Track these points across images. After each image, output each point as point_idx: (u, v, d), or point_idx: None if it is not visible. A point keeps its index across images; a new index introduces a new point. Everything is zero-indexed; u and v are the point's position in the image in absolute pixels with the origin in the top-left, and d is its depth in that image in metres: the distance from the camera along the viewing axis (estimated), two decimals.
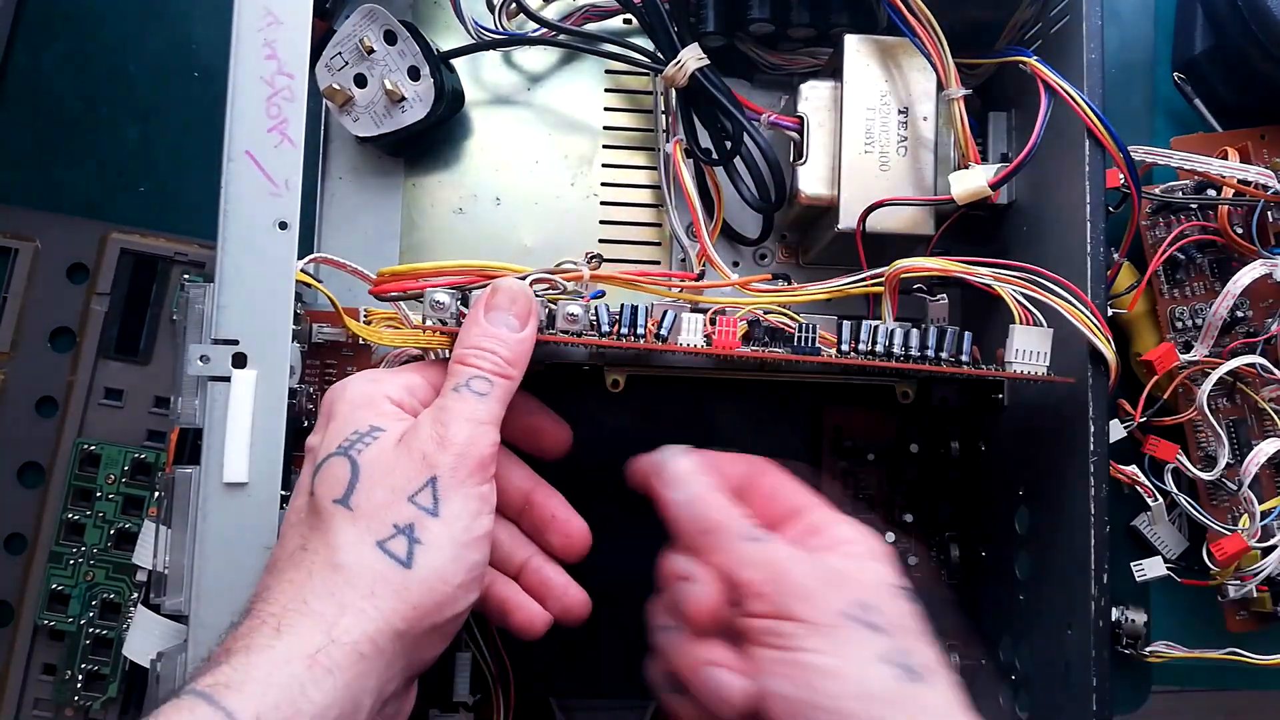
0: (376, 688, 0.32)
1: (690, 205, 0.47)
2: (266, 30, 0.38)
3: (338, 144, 0.52)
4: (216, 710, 0.29)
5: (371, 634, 0.32)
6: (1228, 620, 0.54)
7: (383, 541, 0.33)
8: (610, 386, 0.46)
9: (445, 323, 0.38)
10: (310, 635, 0.31)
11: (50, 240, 0.54)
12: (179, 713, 0.29)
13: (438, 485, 0.34)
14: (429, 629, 0.33)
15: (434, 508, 0.34)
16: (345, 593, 0.32)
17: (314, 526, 0.34)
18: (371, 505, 0.33)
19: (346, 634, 0.31)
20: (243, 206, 0.38)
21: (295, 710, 0.30)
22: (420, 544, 0.33)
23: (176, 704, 0.29)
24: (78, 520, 0.53)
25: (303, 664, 0.30)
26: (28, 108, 0.55)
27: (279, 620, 0.31)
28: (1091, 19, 0.43)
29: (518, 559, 0.40)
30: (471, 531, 0.34)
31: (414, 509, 0.33)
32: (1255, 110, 0.55)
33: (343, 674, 0.31)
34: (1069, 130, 0.43)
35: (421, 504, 0.33)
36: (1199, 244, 0.54)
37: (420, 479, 0.34)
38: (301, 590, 0.32)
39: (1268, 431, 0.53)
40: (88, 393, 0.54)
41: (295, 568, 0.33)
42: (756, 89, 0.52)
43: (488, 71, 0.53)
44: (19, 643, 0.52)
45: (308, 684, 0.30)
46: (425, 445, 0.34)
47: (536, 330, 0.38)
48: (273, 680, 0.30)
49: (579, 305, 0.39)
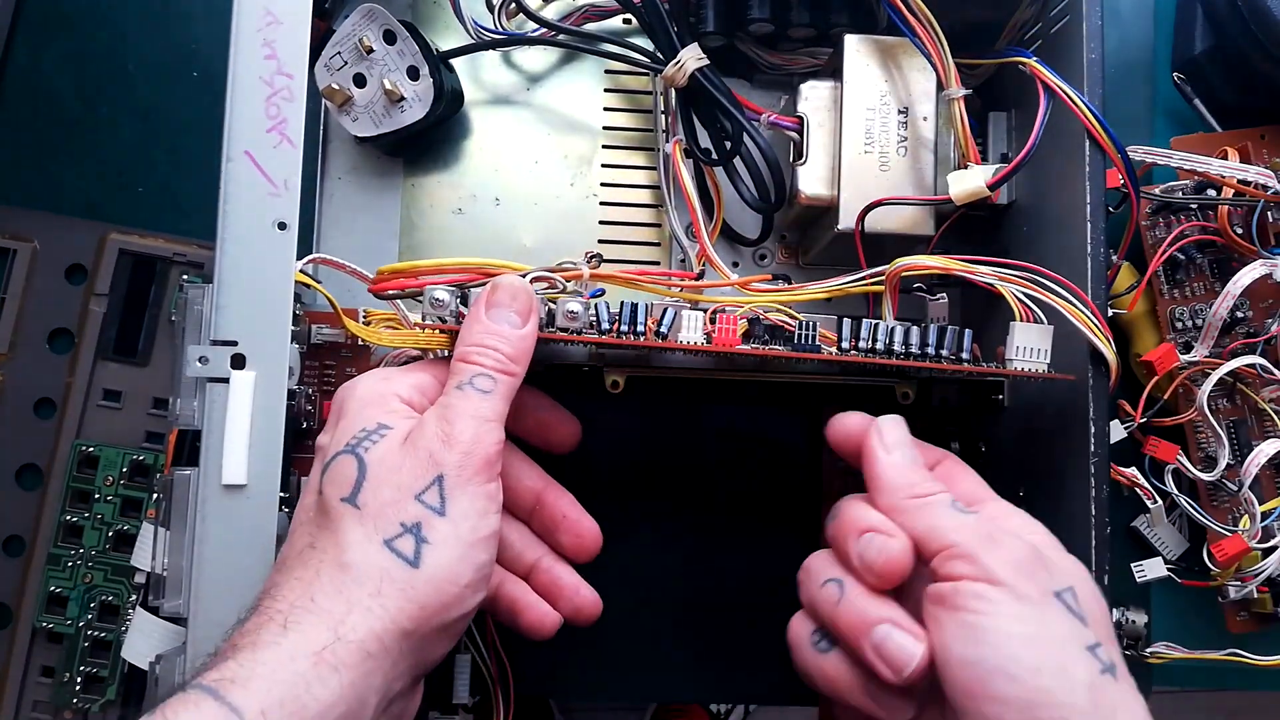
0: (382, 686, 0.32)
1: (690, 205, 0.47)
2: (266, 30, 0.38)
3: (337, 144, 0.52)
4: (221, 705, 0.29)
5: (378, 632, 0.32)
6: (1228, 621, 0.54)
7: (390, 540, 0.33)
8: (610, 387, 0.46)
9: (445, 320, 0.38)
10: (317, 633, 0.31)
11: (49, 241, 0.54)
12: (185, 707, 0.29)
13: (444, 484, 0.34)
14: (436, 628, 0.33)
15: (441, 507, 0.33)
16: (352, 591, 0.32)
17: (322, 525, 0.34)
18: (379, 504, 0.33)
19: (353, 632, 0.31)
20: (242, 206, 0.38)
21: (300, 707, 0.30)
22: (427, 543, 0.33)
23: (183, 698, 0.29)
24: (76, 522, 0.53)
25: (309, 661, 0.30)
26: (28, 108, 0.55)
27: (286, 617, 0.31)
28: (1091, 19, 0.43)
29: (528, 559, 0.40)
30: (478, 531, 0.34)
31: (421, 508, 0.33)
32: (1255, 110, 0.55)
33: (349, 672, 0.31)
34: (1069, 130, 0.43)
35: (429, 503, 0.33)
36: (1199, 244, 0.54)
37: (427, 478, 0.34)
38: (309, 588, 0.32)
39: (1268, 432, 0.53)
40: (86, 394, 0.54)
41: (303, 565, 0.33)
42: (756, 89, 0.52)
43: (487, 71, 0.53)
44: (17, 645, 0.52)
45: (313, 681, 0.30)
46: (431, 444, 0.34)
47: (538, 326, 0.38)
48: (278, 677, 0.30)
49: (579, 302, 0.39)
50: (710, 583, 0.48)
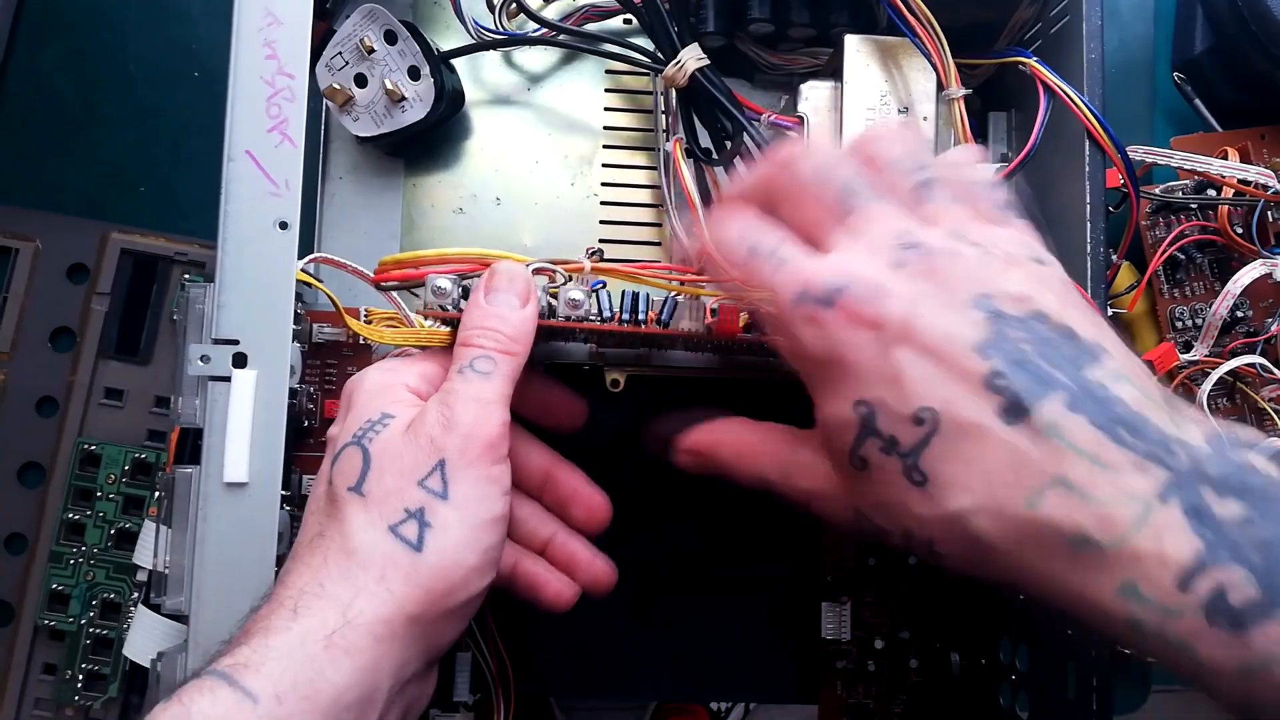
0: (394, 670, 0.32)
1: (691, 204, 0.47)
2: (267, 30, 0.38)
3: (338, 144, 0.52)
4: (236, 690, 0.29)
5: (385, 616, 0.32)
6: None
7: (394, 526, 0.33)
8: (610, 386, 0.46)
9: (447, 309, 0.38)
10: (326, 617, 0.31)
11: (50, 240, 0.55)
12: (200, 693, 0.29)
13: (446, 469, 0.34)
14: (443, 612, 0.33)
15: (444, 491, 0.34)
16: (359, 576, 0.32)
17: (330, 514, 0.34)
18: (383, 491, 0.34)
19: (360, 616, 0.32)
20: (243, 206, 0.38)
21: (314, 690, 0.30)
22: (431, 527, 0.33)
23: (198, 684, 0.30)
24: (78, 520, 0.53)
25: (320, 645, 0.31)
26: (28, 108, 0.55)
27: (296, 602, 0.32)
28: (1091, 19, 0.43)
29: (542, 535, 0.40)
30: (482, 514, 0.34)
31: (424, 493, 0.34)
32: (1255, 110, 0.55)
33: (360, 655, 0.31)
34: (1069, 130, 0.43)
35: (431, 488, 0.34)
36: (1199, 244, 0.54)
37: (429, 463, 0.34)
38: (318, 574, 0.33)
39: (1268, 431, 0.53)
40: (88, 393, 0.54)
41: (312, 553, 0.34)
42: (756, 89, 0.52)
43: (488, 71, 0.53)
44: (19, 642, 0.52)
45: (325, 665, 0.30)
46: (432, 429, 0.34)
47: (538, 308, 0.38)
48: (291, 661, 0.30)
49: (581, 290, 0.39)
50: (711, 581, 0.48)
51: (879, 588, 0.48)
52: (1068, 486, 0.28)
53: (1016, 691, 0.45)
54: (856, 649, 0.48)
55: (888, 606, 0.48)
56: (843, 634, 0.48)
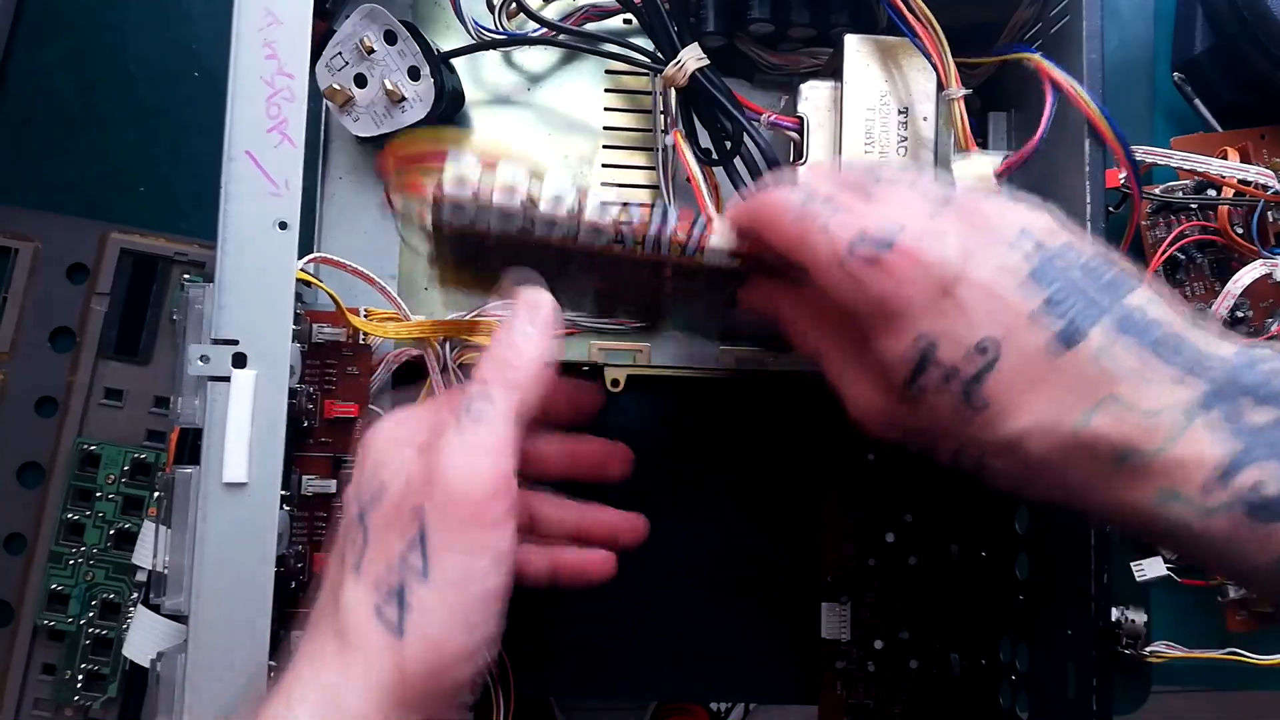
0: None
1: (696, 188, 0.47)
2: (267, 30, 0.38)
3: (338, 144, 0.52)
4: None
5: (375, 704, 0.31)
6: (1228, 620, 0.54)
7: (379, 607, 0.31)
8: (610, 386, 0.46)
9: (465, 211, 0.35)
10: (318, 708, 0.31)
11: (50, 240, 0.54)
12: None
13: (426, 541, 0.31)
14: (433, 697, 0.31)
15: (423, 568, 0.31)
16: (350, 663, 0.31)
17: (333, 591, 0.33)
18: (374, 570, 0.32)
19: (350, 706, 0.31)
20: (243, 206, 0.38)
21: None
22: (410, 610, 0.31)
23: None
24: (77, 520, 0.53)
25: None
26: (28, 108, 0.55)
27: (289, 695, 0.31)
28: (1091, 19, 0.43)
29: (571, 520, 0.40)
30: (469, 591, 0.31)
31: (403, 570, 0.31)
32: (1255, 110, 0.55)
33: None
34: (1069, 129, 0.43)
35: (411, 564, 0.31)
36: (1199, 244, 0.54)
37: (409, 535, 0.32)
38: (313, 661, 0.32)
39: None
40: (88, 393, 0.54)
41: (311, 639, 0.33)
42: (756, 89, 0.52)
43: (488, 71, 0.53)
44: (19, 643, 0.52)
45: None
46: (414, 496, 0.32)
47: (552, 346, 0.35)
48: None
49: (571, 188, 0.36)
50: (710, 581, 0.48)
51: (879, 588, 0.49)
52: (1117, 402, 0.30)
53: (1016, 692, 0.45)
54: (856, 649, 0.48)
55: (888, 607, 0.48)
56: (842, 634, 0.48)
